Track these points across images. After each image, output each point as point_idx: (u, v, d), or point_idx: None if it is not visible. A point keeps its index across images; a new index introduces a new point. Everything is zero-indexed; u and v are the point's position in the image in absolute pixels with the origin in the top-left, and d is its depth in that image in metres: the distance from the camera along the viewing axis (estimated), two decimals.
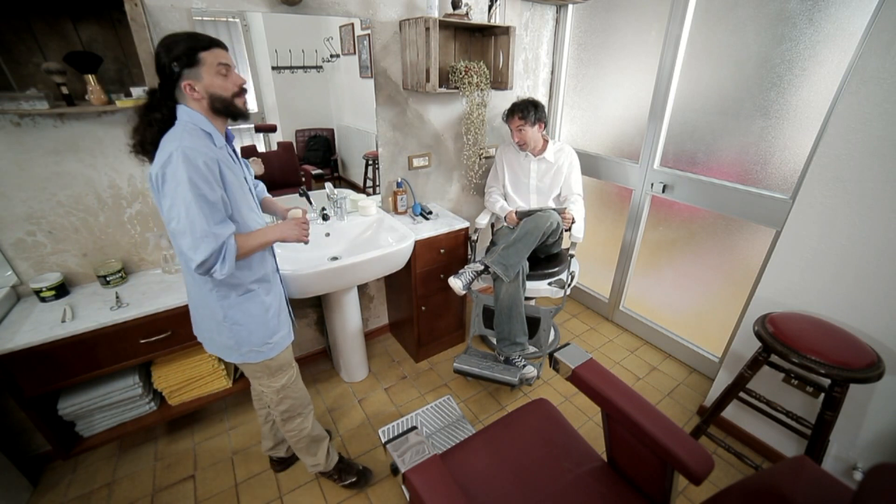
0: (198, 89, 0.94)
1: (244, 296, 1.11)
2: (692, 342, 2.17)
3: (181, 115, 0.96)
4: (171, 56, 0.90)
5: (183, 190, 0.89)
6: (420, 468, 0.87)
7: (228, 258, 0.96)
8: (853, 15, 1.37)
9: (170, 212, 0.91)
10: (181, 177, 0.88)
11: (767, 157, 1.66)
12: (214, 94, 0.95)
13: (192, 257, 0.92)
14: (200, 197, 0.91)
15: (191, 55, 0.91)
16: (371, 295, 2.29)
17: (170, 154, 0.89)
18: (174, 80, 0.93)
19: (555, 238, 1.95)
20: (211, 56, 0.93)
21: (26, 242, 1.39)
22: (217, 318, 1.10)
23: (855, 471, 1.42)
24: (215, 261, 0.95)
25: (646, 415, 0.96)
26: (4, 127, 1.25)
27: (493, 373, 1.78)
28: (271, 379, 1.26)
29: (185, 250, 0.93)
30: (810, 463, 0.75)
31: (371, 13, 1.74)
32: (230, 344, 1.14)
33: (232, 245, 0.97)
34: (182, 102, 0.97)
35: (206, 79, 0.94)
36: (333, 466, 1.51)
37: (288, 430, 1.36)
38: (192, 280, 1.09)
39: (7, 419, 1.51)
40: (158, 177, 0.90)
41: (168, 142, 0.92)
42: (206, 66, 0.93)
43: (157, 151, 0.93)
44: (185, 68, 0.92)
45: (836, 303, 1.38)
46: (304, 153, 1.86)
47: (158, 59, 0.92)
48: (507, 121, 2.01)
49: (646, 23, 1.98)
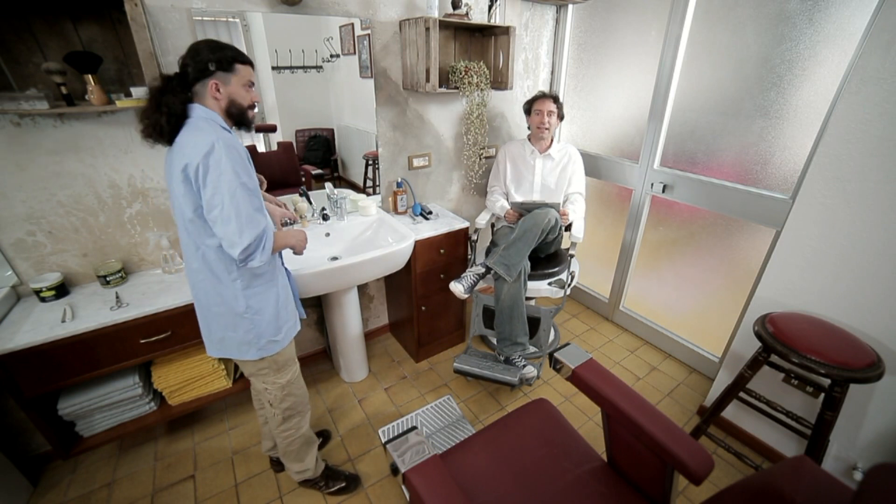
0: (222, 91, 1.01)
1: (265, 285, 1.14)
2: (692, 342, 2.17)
3: (197, 111, 0.99)
4: (214, 56, 0.98)
5: (227, 178, 0.94)
6: (420, 468, 0.87)
7: (267, 245, 1.03)
8: (853, 15, 1.37)
9: (212, 200, 0.95)
10: (225, 166, 0.94)
11: (767, 157, 1.66)
12: (235, 101, 1.04)
13: (237, 242, 0.97)
14: (242, 185, 0.97)
15: (231, 62, 1.00)
16: (371, 295, 2.29)
17: (212, 144, 0.93)
18: (201, 76, 0.98)
19: (554, 234, 1.95)
20: (245, 70, 1.04)
21: (26, 242, 1.39)
22: (237, 311, 1.11)
23: (855, 471, 1.42)
24: (257, 246, 1.00)
25: (646, 415, 0.96)
26: (4, 127, 1.25)
27: (493, 373, 1.78)
28: (277, 375, 1.26)
29: (230, 236, 0.97)
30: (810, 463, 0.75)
31: (371, 13, 1.74)
32: (248, 338, 1.15)
33: (270, 233, 1.04)
34: (196, 100, 1.01)
35: (233, 86, 1.02)
36: (321, 473, 1.50)
37: (285, 429, 1.35)
38: (206, 277, 1.08)
39: (7, 419, 1.51)
40: (200, 167, 0.93)
41: (203, 133, 0.95)
42: (238, 77, 1.03)
43: (188, 143, 0.95)
44: (219, 70, 0.99)
45: (836, 303, 1.39)
46: (304, 153, 1.87)
47: (198, 53, 0.98)
48: (535, 103, 2.02)
49: (646, 23, 1.98)
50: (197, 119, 0.99)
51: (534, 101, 2.03)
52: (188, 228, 1.03)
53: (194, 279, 1.12)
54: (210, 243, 1.03)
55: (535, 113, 2.02)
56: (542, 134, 2.02)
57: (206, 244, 1.04)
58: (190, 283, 1.14)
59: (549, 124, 1.98)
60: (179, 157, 0.96)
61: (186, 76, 0.99)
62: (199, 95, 1.01)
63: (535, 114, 2.02)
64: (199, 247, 1.05)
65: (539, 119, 2.00)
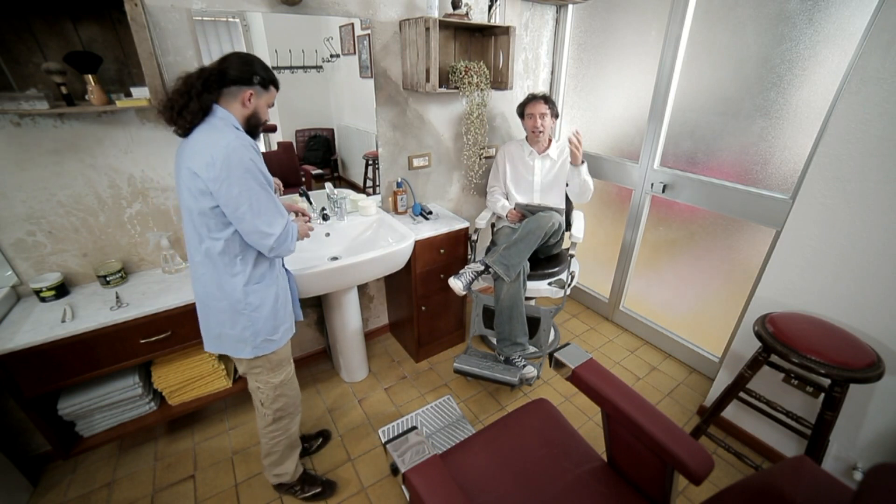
0: (252, 102, 1.09)
1: (266, 282, 1.17)
2: (692, 342, 2.17)
3: (219, 112, 1.03)
4: (262, 73, 1.08)
5: (254, 175, 1.01)
6: (420, 468, 0.87)
7: (293, 234, 1.13)
8: (853, 15, 1.37)
9: (239, 197, 1.00)
10: (249, 165, 1.00)
11: (767, 157, 1.66)
12: (257, 114, 1.12)
13: (270, 232, 1.06)
14: (266, 182, 1.05)
15: (269, 83, 1.11)
16: (371, 295, 2.29)
17: (236, 145, 0.98)
18: (242, 83, 1.05)
19: (556, 238, 1.95)
20: (273, 94, 1.15)
21: (26, 242, 1.39)
22: (237, 307, 1.13)
23: (855, 471, 1.42)
24: (287, 234, 1.09)
25: (646, 415, 0.96)
26: (4, 127, 1.25)
27: (493, 373, 1.78)
28: (271, 374, 1.27)
29: (261, 227, 1.04)
30: (810, 463, 0.75)
31: (371, 13, 1.74)
32: (245, 335, 1.16)
33: (293, 223, 1.13)
34: (222, 103, 1.05)
35: (261, 101, 1.11)
36: (298, 478, 1.48)
37: (273, 430, 1.35)
38: (209, 271, 1.10)
39: (7, 419, 1.51)
40: (225, 165, 0.97)
41: (221, 133, 1.00)
42: (267, 96, 1.13)
43: (208, 142, 0.99)
44: (258, 85, 1.08)
45: (836, 303, 1.38)
46: (304, 153, 1.87)
47: (250, 64, 1.06)
48: (527, 107, 2.01)
49: (646, 23, 1.98)
50: (216, 119, 1.03)
51: (525, 104, 2.03)
52: (194, 222, 1.05)
53: (196, 272, 1.13)
54: (216, 237, 1.06)
55: (527, 117, 2.02)
56: (538, 137, 2.02)
57: (212, 237, 1.06)
58: (192, 277, 1.16)
59: (542, 127, 1.98)
60: (196, 153, 0.99)
61: (225, 76, 1.03)
62: (225, 97, 1.05)
63: (528, 118, 2.02)
64: (203, 240, 1.07)
65: (532, 123, 1.99)
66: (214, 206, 1.01)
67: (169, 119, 1.02)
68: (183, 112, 1.00)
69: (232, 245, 1.07)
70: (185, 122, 1.01)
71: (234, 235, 1.06)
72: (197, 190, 1.00)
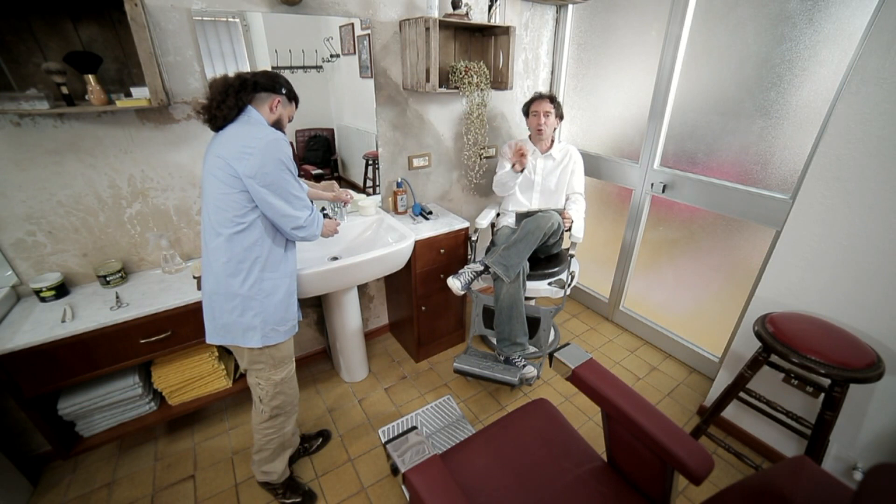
0: (277, 109, 1.21)
1: (278, 273, 1.22)
2: (692, 342, 2.17)
3: (252, 113, 1.15)
4: (287, 86, 1.23)
5: (287, 167, 1.13)
6: (420, 468, 0.87)
7: (319, 222, 1.26)
8: (853, 15, 1.37)
9: (275, 184, 1.11)
10: (284, 158, 1.12)
11: (767, 157, 1.66)
12: (280, 121, 1.24)
13: (299, 215, 1.18)
14: (294, 174, 1.17)
15: (292, 97, 1.27)
16: (371, 295, 2.29)
17: (274, 138, 1.11)
18: (271, 90, 1.18)
19: (556, 238, 1.94)
20: (293, 108, 1.29)
21: (26, 242, 1.39)
22: (250, 293, 1.17)
23: (855, 471, 1.42)
24: (313, 219, 1.23)
25: (646, 415, 0.96)
26: (4, 127, 1.25)
27: (493, 373, 1.78)
28: (273, 371, 1.28)
29: (291, 212, 1.16)
30: (810, 463, 0.75)
31: (371, 13, 1.74)
32: (255, 323, 1.19)
33: (319, 214, 1.27)
34: (254, 105, 1.17)
35: (285, 112, 1.25)
36: (283, 481, 1.47)
37: (268, 426, 1.35)
38: (223, 258, 1.14)
39: (7, 419, 1.51)
40: (262, 154, 1.08)
41: (260, 128, 1.13)
42: (290, 109, 1.27)
43: (247, 134, 1.10)
44: (284, 96, 1.22)
45: (836, 303, 1.38)
46: (304, 153, 1.87)
47: (276, 78, 1.20)
48: (532, 104, 2.02)
49: (646, 23, 1.98)
50: (250, 116, 1.14)
51: (531, 102, 2.03)
52: (218, 205, 1.11)
53: (209, 259, 1.17)
54: (241, 221, 1.12)
55: (532, 115, 2.02)
56: (541, 135, 2.02)
57: (235, 221, 1.12)
58: (203, 264, 1.19)
59: (546, 125, 1.98)
60: (230, 143, 1.09)
61: (257, 84, 1.15)
62: (256, 101, 1.17)
63: (532, 115, 2.02)
64: (220, 233, 1.12)
65: (536, 121, 2.00)
66: (241, 191, 1.09)
67: (206, 110, 1.13)
68: (221, 106, 1.11)
69: (252, 231, 1.14)
70: (222, 115, 1.11)
71: (255, 222, 1.14)
72: (225, 175, 1.08)
